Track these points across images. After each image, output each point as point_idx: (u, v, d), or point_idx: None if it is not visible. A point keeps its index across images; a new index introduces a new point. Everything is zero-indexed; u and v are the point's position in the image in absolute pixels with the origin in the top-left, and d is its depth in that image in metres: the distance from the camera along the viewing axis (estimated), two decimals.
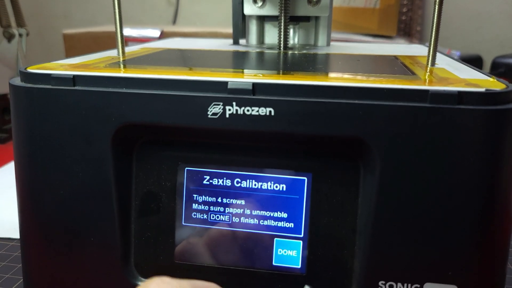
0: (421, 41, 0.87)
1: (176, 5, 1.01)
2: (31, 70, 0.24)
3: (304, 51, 0.36)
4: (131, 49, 0.37)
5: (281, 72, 0.25)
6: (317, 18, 0.41)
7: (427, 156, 0.20)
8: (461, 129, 0.20)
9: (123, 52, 0.31)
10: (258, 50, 0.37)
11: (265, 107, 0.21)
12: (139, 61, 0.29)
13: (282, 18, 0.37)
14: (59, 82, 0.23)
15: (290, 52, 0.35)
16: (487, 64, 0.84)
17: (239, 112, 0.22)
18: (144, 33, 0.74)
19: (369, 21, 0.73)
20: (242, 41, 0.43)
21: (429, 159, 0.20)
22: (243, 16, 0.42)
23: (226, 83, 0.22)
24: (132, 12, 1.04)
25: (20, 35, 0.63)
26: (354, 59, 0.31)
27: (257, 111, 0.21)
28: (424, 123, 0.20)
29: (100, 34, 0.75)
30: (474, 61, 0.85)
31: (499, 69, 0.79)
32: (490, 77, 0.24)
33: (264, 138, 0.23)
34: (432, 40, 0.27)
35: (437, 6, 0.27)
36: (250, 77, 0.23)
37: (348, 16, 0.74)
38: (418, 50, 0.39)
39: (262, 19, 0.43)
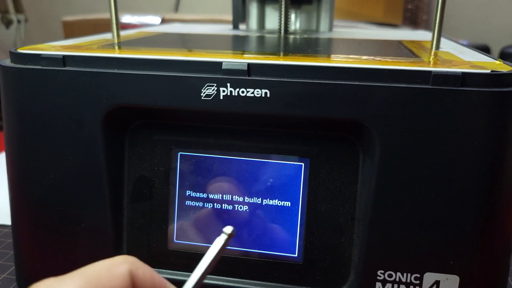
0: (427, 29, 0.85)
1: None
2: (21, 50, 0.23)
3: (305, 36, 0.35)
4: (127, 32, 0.36)
5: (279, 54, 0.24)
6: (319, 0, 0.40)
7: (428, 140, 0.19)
8: (464, 112, 0.19)
9: (118, 35, 0.31)
10: (258, 34, 0.36)
11: (261, 89, 0.20)
12: (133, 43, 0.28)
13: (283, 2, 0.36)
14: (49, 62, 0.22)
15: (291, 36, 0.34)
16: (495, 54, 0.82)
17: (233, 94, 0.21)
18: (144, 20, 0.73)
19: (374, 9, 0.71)
20: (242, 26, 0.42)
21: (430, 143, 0.20)
22: None
23: (220, 63, 0.21)
24: (135, 0, 1.03)
25: (19, 21, 0.62)
26: (356, 43, 0.30)
27: (252, 92, 0.21)
28: (426, 106, 0.19)
29: (99, 21, 0.74)
30: (482, 51, 0.83)
31: (507, 59, 0.77)
32: (496, 60, 0.23)
33: (259, 121, 0.22)
34: (437, 22, 0.26)
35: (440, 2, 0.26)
36: (245, 58, 0.22)
37: (352, 4, 0.72)
38: (423, 35, 0.37)
39: (262, 2, 0.41)
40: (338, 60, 0.21)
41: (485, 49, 0.83)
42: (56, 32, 1.11)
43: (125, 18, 0.73)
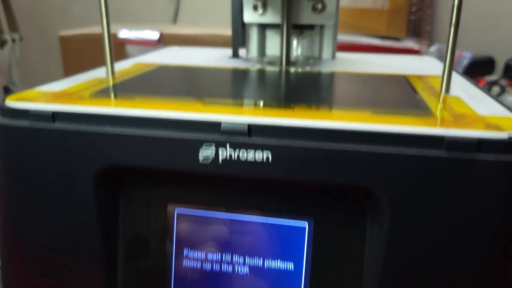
0: (430, 41, 0.84)
1: (177, 2, 0.98)
2: (9, 103, 0.22)
3: (308, 68, 0.34)
4: (123, 65, 0.35)
5: (280, 105, 0.22)
6: (322, 26, 0.39)
7: (440, 209, 0.18)
8: (479, 181, 0.18)
9: (113, 73, 0.29)
10: (258, 66, 0.34)
11: (262, 151, 0.19)
12: (129, 86, 0.27)
13: (284, 28, 0.35)
14: (38, 118, 0.21)
15: (292, 69, 0.33)
16: (500, 66, 0.81)
17: (233, 157, 0.19)
18: (142, 35, 0.71)
19: (377, 22, 0.70)
20: (242, 49, 0.41)
21: (442, 213, 0.18)
22: (243, 23, 0.39)
23: (218, 123, 0.20)
24: (132, 9, 1.02)
25: (13, 40, 0.61)
26: (361, 82, 0.29)
27: (253, 155, 0.19)
28: (439, 173, 0.18)
29: (96, 36, 0.73)
30: (487, 63, 0.81)
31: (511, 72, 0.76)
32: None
33: (260, 183, 0.21)
34: (447, 65, 0.25)
35: (452, 29, 0.25)
36: (245, 113, 0.20)
37: (355, 17, 0.71)
38: (429, 65, 0.36)
39: (263, 27, 0.40)
40: (345, 115, 0.20)
41: (490, 61, 0.82)
42: (53, 42, 1.09)
43: (123, 33, 0.72)
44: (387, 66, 0.35)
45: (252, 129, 0.19)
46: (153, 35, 0.71)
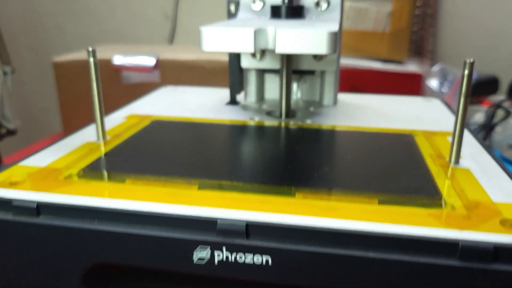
0: (432, 61, 0.82)
1: (174, 20, 0.97)
2: None
3: (309, 121, 0.32)
4: (116, 118, 0.33)
5: (281, 190, 0.21)
6: (322, 72, 0.37)
7: None
8: None
9: (104, 135, 0.28)
10: (256, 119, 0.33)
11: (261, 255, 0.18)
12: (120, 156, 0.25)
13: (284, 80, 0.33)
14: (22, 211, 0.20)
15: (292, 124, 0.32)
16: (504, 86, 0.79)
17: (230, 259, 0.18)
18: (138, 61, 0.70)
19: (378, 45, 0.68)
20: (241, 92, 0.39)
21: None
22: (241, 68, 0.38)
23: (214, 221, 0.18)
24: (129, 27, 1.01)
25: (5, 73, 0.59)
26: (365, 147, 0.27)
27: (252, 258, 0.18)
28: (450, 283, 0.17)
29: None
30: (491, 83, 0.80)
31: None
32: None
33: (260, 286, 0.19)
34: (456, 137, 0.24)
35: (462, 99, 0.23)
36: (243, 206, 0.19)
37: (357, 40, 0.69)
38: (436, 113, 0.35)
39: (261, 72, 0.39)
40: (350, 210, 0.19)
41: (494, 81, 0.81)
42: (48, 60, 1.08)
43: (117, 59, 0.70)
44: (392, 118, 0.33)
45: (251, 230, 0.18)
46: (149, 61, 0.70)
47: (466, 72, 0.23)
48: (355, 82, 0.69)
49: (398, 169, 0.23)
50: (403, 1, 0.66)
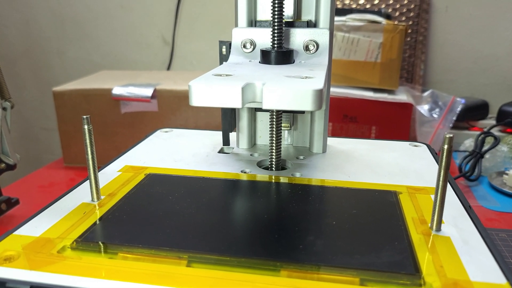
0: (423, 86, 0.84)
1: (171, 45, 0.98)
2: None
3: (298, 175, 0.33)
4: (112, 169, 0.34)
5: (267, 265, 0.22)
6: (312, 121, 0.38)
7: None
8: None
9: (98, 196, 0.29)
10: (247, 171, 0.34)
11: None
12: (114, 220, 0.26)
13: (274, 136, 0.34)
14: None
15: (282, 179, 0.33)
16: (494, 110, 0.81)
17: None
18: (136, 91, 0.71)
19: (370, 75, 0.70)
20: (233, 129, 0.40)
21: None
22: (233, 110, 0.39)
23: None
24: (128, 52, 1.02)
25: (4, 108, 0.60)
26: (351, 209, 0.28)
27: None
28: None
29: (91, 92, 0.73)
30: (480, 108, 0.81)
31: (506, 118, 0.76)
32: (506, 279, 0.21)
33: None
34: (437, 205, 0.25)
35: (442, 171, 0.24)
36: (228, 287, 0.20)
37: (348, 70, 0.71)
38: (422, 164, 0.36)
39: (254, 115, 0.40)
40: None
41: (483, 106, 0.82)
42: (49, 83, 1.09)
43: (116, 90, 0.71)
44: (378, 170, 0.34)
45: None
46: (147, 92, 0.71)
47: (446, 146, 0.24)
48: (348, 110, 0.71)
49: (381, 239, 0.24)
50: (394, 32, 0.68)
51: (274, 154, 0.34)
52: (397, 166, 0.35)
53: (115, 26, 1.01)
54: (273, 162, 0.34)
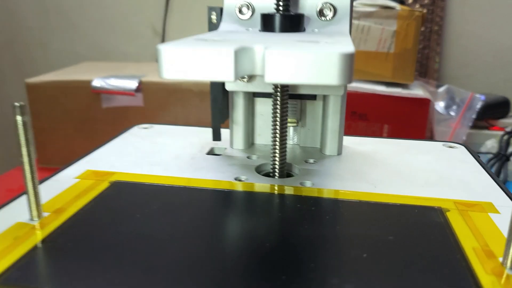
0: (438, 81, 0.76)
1: (162, 36, 0.91)
2: None
3: (308, 184, 0.26)
4: (66, 177, 0.26)
5: None
6: (325, 97, 0.30)
7: None
8: None
9: (39, 213, 0.21)
10: (243, 177, 0.26)
11: None
12: (54, 251, 0.19)
13: (278, 135, 0.26)
14: None
15: (287, 190, 0.25)
16: None
17: None
18: (119, 83, 0.64)
19: (382, 67, 0.62)
20: (225, 119, 0.32)
21: None
22: (225, 91, 0.31)
23: None
24: (115, 43, 0.94)
25: None
26: (379, 232, 0.21)
27: None
28: None
29: (69, 84, 0.65)
30: (501, 105, 0.74)
31: None
32: None
33: None
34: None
35: None
36: None
37: (358, 61, 0.63)
38: (464, 168, 0.28)
39: (252, 94, 0.32)
40: None
41: (504, 103, 0.75)
42: (33, 75, 1.01)
43: (96, 82, 0.64)
44: (409, 177, 0.27)
45: None
46: (131, 84, 0.63)
47: None
48: (357, 107, 0.63)
49: (437, 283, 0.17)
50: (409, 19, 0.60)
51: (277, 156, 0.26)
52: (434, 172, 0.28)
53: (102, 15, 0.93)
54: (276, 167, 0.27)
